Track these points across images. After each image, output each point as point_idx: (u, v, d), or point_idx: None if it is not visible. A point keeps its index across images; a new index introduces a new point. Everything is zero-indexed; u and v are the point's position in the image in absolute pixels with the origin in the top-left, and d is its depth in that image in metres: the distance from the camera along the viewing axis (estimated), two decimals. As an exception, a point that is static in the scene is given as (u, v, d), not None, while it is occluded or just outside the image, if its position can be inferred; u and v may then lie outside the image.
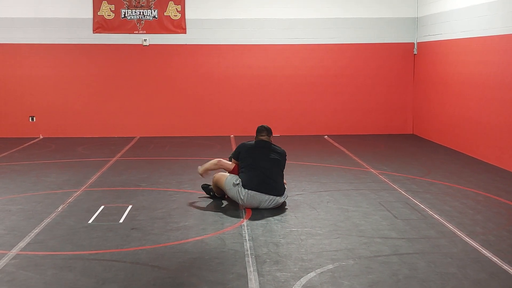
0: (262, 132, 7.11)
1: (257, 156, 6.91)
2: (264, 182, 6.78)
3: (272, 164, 6.90)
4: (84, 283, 4.62)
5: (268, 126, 7.18)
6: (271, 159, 6.91)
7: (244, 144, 7.09)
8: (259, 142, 7.06)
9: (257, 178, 6.79)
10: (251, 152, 6.96)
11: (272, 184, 6.81)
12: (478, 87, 10.40)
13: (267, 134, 7.11)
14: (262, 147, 7.00)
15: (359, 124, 13.65)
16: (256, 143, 7.05)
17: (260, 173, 6.81)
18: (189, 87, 13.43)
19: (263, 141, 7.06)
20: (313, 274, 4.80)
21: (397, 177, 8.67)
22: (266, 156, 6.92)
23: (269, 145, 7.04)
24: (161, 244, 5.57)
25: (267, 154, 6.93)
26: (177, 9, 13.17)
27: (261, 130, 7.11)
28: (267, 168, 6.84)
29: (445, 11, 11.83)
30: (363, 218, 6.45)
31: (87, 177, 8.68)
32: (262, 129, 7.11)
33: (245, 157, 6.97)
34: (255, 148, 6.99)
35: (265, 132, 7.10)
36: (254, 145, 7.03)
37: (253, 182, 6.77)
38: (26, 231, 5.95)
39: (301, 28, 13.34)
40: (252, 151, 6.96)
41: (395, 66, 13.57)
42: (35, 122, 13.30)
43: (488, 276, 4.78)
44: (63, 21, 13.09)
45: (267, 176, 6.81)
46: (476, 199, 7.35)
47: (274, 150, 7.02)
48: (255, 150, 6.97)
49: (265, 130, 7.10)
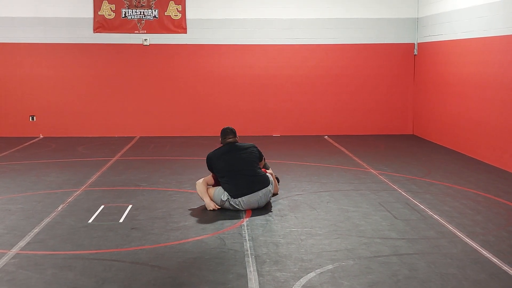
0: (228, 135, 7.00)
1: (231, 161, 6.82)
2: (251, 182, 6.76)
3: (247, 162, 6.85)
4: (84, 283, 4.63)
5: (232, 127, 7.09)
6: (244, 158, 6.86)
7: (212, 156, 6.93)
8: (226, 146, 6.97)
9: (242, 182, 6.74)
10: (222, 159, 6.85)
11: (258, 178, 6.81)
12: (479, 87, 10.40)
13: (234, 136, 7.03)
14: (231, 150, 6.91)
15: (359, 124, 13.65)
16: (224, 149, 6.95)
17: (242, 176, 6.76)
18: (189, 87, 13.43)
19: (231, 143, 6.98)
20: (313, 274, 4.80)
21: (397, 177, 8.67)
22: (239, 157, 6.85)
23: (236, 146, 6.96)
24: (161, 244, 5.57)
25: (238, 155, 6.87)
26: (177, 9, 13.17)
27: (227, 133, 7.01)
28: (245, 168, 6.80)
29: (445, 12, 11.83)
30: (363, 219, 6.45)
31: (87, 176, 8.68)
32: (228, 131, 7.02)
33: (219, 167, 6.86)
34: (224, 153, 6.89)
35: (231, 135, 7.01)
36: (223, 151, 6.92)
37: (241, 188, 6.72)
38: (26, 231, 5.95)
39: (302, 28, 13.34)
40: (223, 158, 6.85)
41: (395, 66, 13.57)
42: (35, 121, 13.30)
43: (488, 276, 4.78)
44: (64, 21, 13.09)
45: (250, 175, 6.79)
46: (476, 200, 7.35)
47: (243, 148, 6.96)
48: (225, 156, 6.86)
49: (232, 132, 7.02)
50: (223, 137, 7.02)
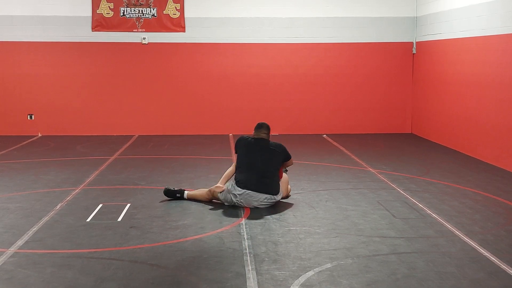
0: (261, 129, 7.10)
1: (250, 153, 6.91)
2: (261, 182, 6.77)
3: (265, 162, 6.88)
4: (83, 282, 4.62)
5: (267, 124, 7.17)
6: (263, 158, 6.90)
7: (241, 139, 7.09)
8: (257, 140, 7.04)
9: (255, 177, 6.78)
10: (245, 148, 6.96)
11: (269, 183, 6.82)
12: (477, 86, 10.40)
13: (267, 133, 7.11)
14: (256, 144, 6.98)
15: (358, 123, 13.65)
16: (252, 140, 7.04)
17: (256, 173, 6.80)
18: (188, 86, 13.43)
19: (262, 139, 7.05)
20: (311, 273, 4.80)
21: (396, 176, 8.67)
22: (259, 154, 6.90)
23: (263, 142, 7.02)
24: (160, 243, 5.57)
25: (260, 151, 6.92)
26: (176, 8, 13.16)
27: (260, 126, 7.11)
28: (263, 168, 6.83)
29: (444, 11, 11.83)
30: (362, 217, 6.45)
31: (85, 175, 8.68)
32: (262, 126, 7.11)
33: (239, 152, 7.00)
34: (249, 144, 6.99)
35: (264, 130, 7.09)
36: (250, 141, 7.02)
37: (251, 181, 6.75)
38: (25, 229, 5.95)
39: (301, 27, 13.34)
40: (247, 147, 6.96)
41: (394, 65, 13.57)
42: (34, 120, 13.29)
43: (487, 275, 4.79)
44: (62, 19, 13.07)
45: (264, 176, 6.81)
46: (475, 199, 7.35)
47: (268, 147, 6.99)
48: (249, 146, 6.96)
49: (265, 127, 7.10)
50: (256, 129, 7.13)
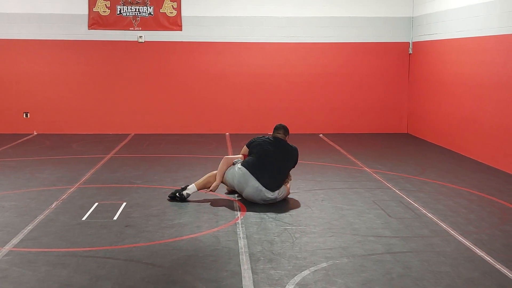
0: (279, 130, 7.25)
1: (265, 152, 7.01)
2: (259, 170, 6.90)
3: (278, 160, 7.00)
4: (78, 280, 4.62)
5: (285, 126, 7.31)
6: (278, 158, 7.01)
7: (259, 137, 7.27)
8: (272, 138, 7.18)
9: (256, 164, 6.92)
10: (261, 145, 7.09)
11: (267, 177, 6.89)
12: (473, 86, 10.42)
13: (284, 133, 7.25)
14: (273, 143, 7.11)
15: (354, 123, 13.67)
16: (269, 139, 7.17)
17: (262, 163, 6.92)
18: (185, 85, 13.42)
19: (278, 138, 7.18)
20: (307, 272, 4.81)
21: (392, 176, 8.69)
22: (274, 154, 7.02)
23: (280, 143, 7.14)
24: (155, 242, 5.57)
25: (275, 152, 7.03)
26: (173, 6, 13.15)
27: (278, 128, 7.27)
28: (271, 162, 6.96)
29: (440, 11, 11.85)
30: (357, 217, 6.46)
31: (81, 174, 8.67)
32: (279, 127, 7.27)
33: (256, 145, 7.12)
34: (266, 142, 7.12)
35: (282, 130, 7.24)
36: (266, 140, 7.16)
37: (251, 164, 6.92)
38: (20, 228, 5.94)
39: (298, 26, 13.34)
40: (263, 145, 7.09)
41: (390, 65, 13.59)
42: (29, 118, 13.26)
43: (481, 275, 4.80)
44: (59, 17, 13.05)
45: (267, 169, 6.92)
46: (470, 199, 7.37)
47: (284, 149, 7.12)
48: (265, 145, 7.09)
49: (282, 128, 7.26)
50: (274, 130, 7.27)
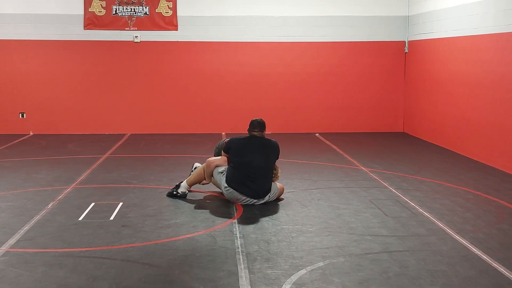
0: (255, 127, 7.00)
1: (247, 156, 6.80)
2: (245, 185, 6.76)
3: (260, 165, 6.82)
4: (75, 280, 4.61)
5: (262, 121, 7.04)
6: (260, 159, 6.82)
7: (234, 141, 6.96)
8: (250, 138, 6.99)
9: (240, 178, 6.75)
10: (242, 150, 6.86)
11: (254, 188, 6.78)
12: (469, 85, 10.44)
13: (260, 130, 7.00)
14: (251, 142, 6.92)
15: (350, 122, 13.68)
16: (246, 140, 6.97)
17: (245, 175, 6.75)
18: (180, 84, 13.41)
19: (255, 137, 6.99)
20: (303, 272, 4.81)
21: (388, 175, 8.70)
22: (257, 155, 6.82)
23: (260, 141, 6.95)
24: (152, 242, 5.56)
25: (257, 152, 6.84)
26: (168, 6, 13.13)
27: (254, 125, 7.01)
28: (254, 170, 6.78)
29: (436, 10, 11.87)
30: (354, 216, 6.47)
31: (77, 174, 8.65)
32: (255, 124, 7.01)
33: (235, 154, 6.87)
34: (246, 145, 6.90)
35: (258, 128, 6.99)
36: (246, 142, 6.94)
37: (235, 181, 6.77)
38: (16, 228, 5.92)
39: (294, 25, 13.35)
40: (243, 148, 6.86)
41: (386, 64, 13.61)
42: (25, 118, 13.23)
43: (478, 273, 4.81)
44: (54, 17, 13.03)
45: (252, 180, 6.75)
46: (466, 197, 7.38)
47: (266, 146, 6.94)
48: (246, 147, 6.87)
49: (259, 125, 6.99)
50: (250, 128, 7.02)
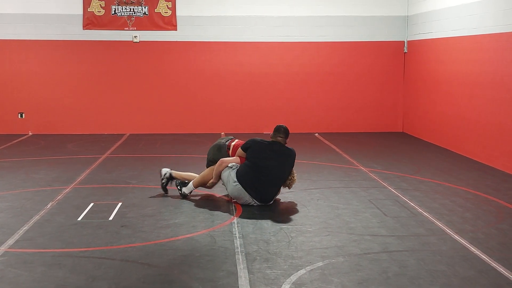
0: (280, 133, 6.94)
1: (265, 160, 6.75)
2: (254, 186, 6.73)
3: (274, 173, 6.80)
4: (74, 281, 4.61)
5: (287, 128, 6.99)
6: (276, 168, 6.79)
7: (256, 141, 6.90)
8: (272, 144, 6.90)
9: (251, 179, 6.72)
10: (261, 152, 6.79)
11: (262, 192, 6.77)
12: (468, 85, 10.44)
13: (285, 137, 6.96)
14: (274, 150, 6.84)
15: (349, 122, 13.68)
16: (267, 143, 6.89)
17: (257, 177, 6.72)
18: (180, 84, 13.40)
19: (277, 143, 6.92)
20: (303, 272, 4.81)
21: (387, 175, 8.70)
22: (274, 162, 6.79)
23: (280, 149, 6.89)
24: (151, 242, 5.56)
25: (275, 160, 6.80)
26: (167, 6, 13.13)
27: (278, 130, 6.95)
28: (267, 177, 6.76)
29: (435, 10, 11.87)
30: (353, 216, 6.47)
31: (76, 174, 8.65)
32: (280, 129, 6.95)
33: (254, 155, 6.80)
34: (266, 149, 6.82)
35: (283, 135, 6.95)
36: (267, 146, 6.85)
37: (245, 179, 6.74)
38: (15, 228, 5.92)
39: (293, 25, 13.34)
40: (263, 151, 6.79)
41: (385, 64, 13.61)
42: (24, 118, 13.22)
43: (477, 273, 4.81)
44: (53, 17, 13.02)
45: (261, 184, 6.73)
46: (466, 197, 7.38)
47: (285, 155, 6.88)
48: (266, 151, 6.80)
49: (284, 132, 6.95)
50: (274, 133, 6.97)
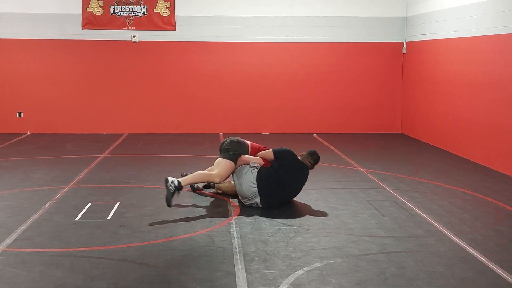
0: (314, 159, 7.01)
1: (291, 178, 6.83)
2: (269, 192, 6.74)
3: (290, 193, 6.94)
4: (72, 280, 4.60)
5: (319, 157, 7.05)
6: (295, 189, 6.94)
7: (291, 156, 6.95)
8: (303, 167, 6.97)
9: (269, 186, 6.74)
10: (291, 169, 6.86)
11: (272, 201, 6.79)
12: (466, 86, 10.45)
13: (313, 164, 7.04)
14: (301, 173, 6.94)
15: (348, 123, 13.68)
16: (301, 166, 6.95)
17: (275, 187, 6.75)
18: (178, 84, 13.40)
19: (306, 168, 6.98)
20: (301, 272, 4.81)
21: (386, 175, 8.70)
22: (297, 185, 6.92)
23: (305, 174, 6.98)
24: (149, 242, 5.56)
25: (299, 183, 6.93)
26: (166, 6, 13.13)
27: (315, 159, 7.01)
28: (284, 193, 6.85)
29: (434, 11, 11.88)
30: (352, 217, 6.47)
31: (75, 174, 8.64)
32: (315, 158, 7.01)
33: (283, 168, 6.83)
34: (297, 169, 6.91)
35: (313, 161, 7.01)
36: (298, 168, 6.93)
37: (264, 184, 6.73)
38: (13, 228, 5.91)
39: (292, 26, 13.35)
40: (292, 170, 6.86)
41: (384, 65, 13.61)
42: (23, 118, 13.21)
43: (475, 274, 4.81)
44: (52, 17, 13.01)
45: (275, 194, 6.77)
46: (464, 198, 7.39)
47: (305, 178, 6.99)
48: (295, 171, 6.88)
49: (315, 160, 7.02)
50: (307, 155, 7.01)
